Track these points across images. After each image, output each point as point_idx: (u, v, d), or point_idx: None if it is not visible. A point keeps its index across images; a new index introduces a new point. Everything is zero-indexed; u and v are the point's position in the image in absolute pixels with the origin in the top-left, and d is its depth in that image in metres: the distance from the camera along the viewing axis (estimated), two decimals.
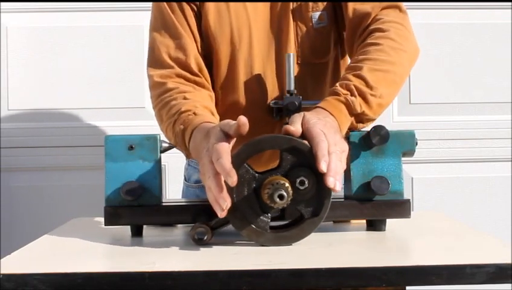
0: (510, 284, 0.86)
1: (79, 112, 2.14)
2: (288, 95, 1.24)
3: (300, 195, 0.99)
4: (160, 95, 1.25)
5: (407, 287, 0.90)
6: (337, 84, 1.17)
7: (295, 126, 1.02)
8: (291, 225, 1.02)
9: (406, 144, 1.12)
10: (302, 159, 0.99)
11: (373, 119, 1.18)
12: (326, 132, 1.01)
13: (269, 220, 1.01)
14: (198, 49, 1.31)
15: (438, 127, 2.18)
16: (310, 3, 1.31)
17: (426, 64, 2.11)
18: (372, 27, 1.25)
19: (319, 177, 0.98)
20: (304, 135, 1.02)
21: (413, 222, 1.14)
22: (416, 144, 1.13)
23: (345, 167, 1.02)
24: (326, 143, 0.98)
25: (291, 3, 1.31)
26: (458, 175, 2.23)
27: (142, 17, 2.14)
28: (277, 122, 1.32)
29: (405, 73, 1.24)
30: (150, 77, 1.30)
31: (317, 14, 1.32)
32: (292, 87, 1.24)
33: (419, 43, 1.29)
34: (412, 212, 1.12)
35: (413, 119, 2.15)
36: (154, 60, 1.30)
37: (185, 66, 1.28)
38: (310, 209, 1.00)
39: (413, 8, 2.11)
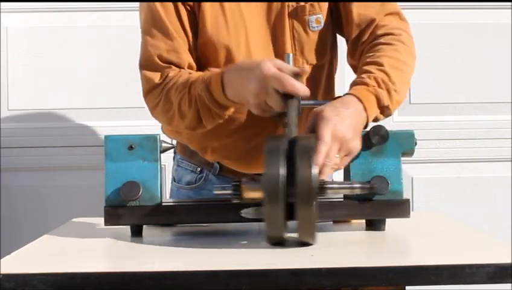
0: (510, 284, 0.86)
1: (79, 112, 2.14)
2: None
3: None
4: (161, 84, 1.25)
5: (407, 287, 0.90)
6: (362, 75, 1.17)
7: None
8: None
9: (405, 144, 1.12)
10: None
11: (389, 115, 1.19)
12: (336, 132, 1.03)
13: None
14: (191, 51, 1.29)
15: (438, 127, 2.18)
16: (307, 7, 1.31)
17: (426, 64, 2.10)
18: (381, 32, 1.27)
19: None
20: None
21: (413, 222, 1.13)
22: (416, 144, 1.13)
23: (342, 167, 1.07)
24: (324, 150, 1.00)
25: (287, 6, 1.30)
26: (458, 175, 2.23)
27: None
28: (278, 122, 1.32)
29: (412, 75, 1.26)
30: (146, 79, 1.30)
31: (313, 18, 1.31)
32: None
33: (419, 43, 1.29)
34: (411, 212, 1.12)
35: (413, 119, 2.15)
36: (146, 64, 1.29)
37: (179, 66, 1.28)
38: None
39: (412, 8, 2.11)
